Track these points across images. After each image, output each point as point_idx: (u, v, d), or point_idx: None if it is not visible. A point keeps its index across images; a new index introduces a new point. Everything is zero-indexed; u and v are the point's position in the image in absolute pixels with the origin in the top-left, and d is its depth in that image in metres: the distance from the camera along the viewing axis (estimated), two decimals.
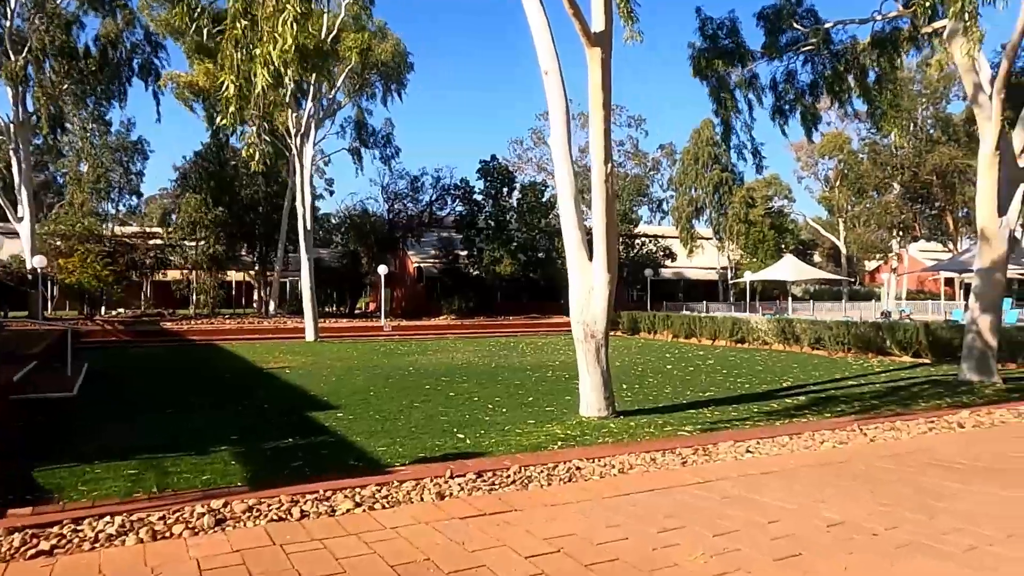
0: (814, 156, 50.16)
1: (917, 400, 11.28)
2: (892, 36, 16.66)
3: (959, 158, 35.38)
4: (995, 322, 13.15)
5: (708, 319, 25.88)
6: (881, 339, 19.37)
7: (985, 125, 12.46)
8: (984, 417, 7.78)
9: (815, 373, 15.28)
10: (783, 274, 28.54)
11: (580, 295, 9.89)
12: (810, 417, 9.90)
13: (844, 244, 50.55)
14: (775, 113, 19.14)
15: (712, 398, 11.94)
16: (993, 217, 12.77)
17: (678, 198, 46.89)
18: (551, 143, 10.19)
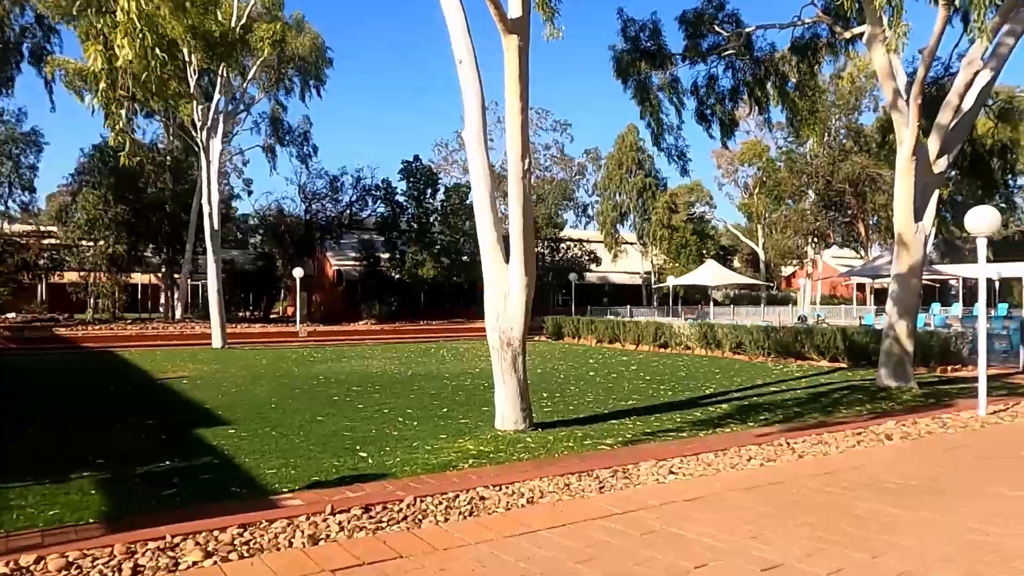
0: (734, 164, 51.24)
1: (839, 407, 11.10)
2: (811, 42, 16.75)
3: (870, 167, 36.60)
4: (912, 327, 13.19)
5: (632, 324, 25.70)
6: (800, 344, 19.46)
7: (903, 131, 12.46)
8: (910, 427, 7.51)
9: (737, 379, 15.08)
10: (705, 279, 28.75)
11: (496, 300, 9.23)
12: (735, 427, 9.53)
13: (762, 250, 51.81)
14: (699, 118, 19.04)
15: (635, 407, 11.47)
16: (910, 223, 12.80)
17: (603, 203, 46.99)
18: (465, 137, 9.50)
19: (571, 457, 7.65)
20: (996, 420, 8.22)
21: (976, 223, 8.05)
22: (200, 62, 21.28)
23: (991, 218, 8.00)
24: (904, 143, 12.43)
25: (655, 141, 18.36)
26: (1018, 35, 12.92)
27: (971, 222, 8.13)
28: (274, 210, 37.03)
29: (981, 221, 8.00)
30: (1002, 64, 13.10)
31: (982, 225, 8.00)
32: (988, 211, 8.04)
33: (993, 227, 8.06)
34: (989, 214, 8.03)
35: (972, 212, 8.18)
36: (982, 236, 8.13)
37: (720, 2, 17.36)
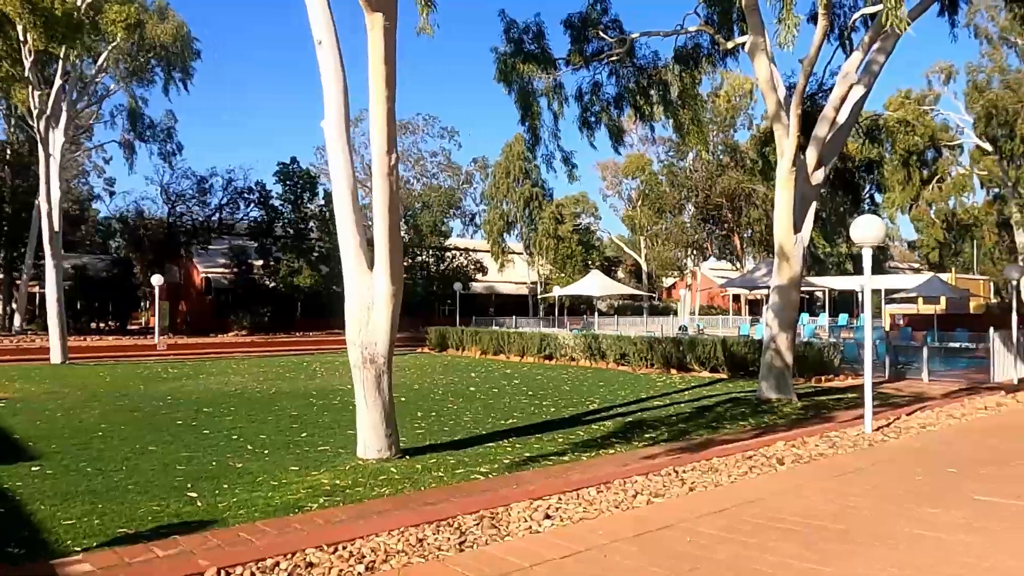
0: (619, 176, 52.08)
1: (723, 422, 10.74)
2: (694, 52, 16.68)
3: (745, 183, 37.91)
4: (792, 340, 13.14)
5: (516, 335, 25.09)
6: (682, 355, 19.40)
7: (783, 141, 12.39)
8: (800, 448, 7.08)
9: (621, 392, 14.63)
10: (589, 289, 28.64)
11: (358, 311, 8.17)
12: (619, 448, 8.90)
13: (645, 261, 52.88)
14: (582, 124, 18.63)
15: (515, 426, 10.69)
16: (789, 234, 12.74)
17: (490, 212, 46.46)
18: (324, 127, 8.41)
19: (438, 491, 6.72)
20: (882, 437, 7.97)
21: (862, 233, 7.81)
22: (36, 42, 18.89)
23: (877, 229, 7.79)
24: (785, 154, 12.36)
25: (531, 148, 17.82)
26: (888, 53, 13.21)
27: (857, 232, 7.89)
28: (133, 212, 33.93)
29: (868, 231, 7.77)
30: (873, 80, 13.35)
31: (868, 235, 7.77)
32: (874, 221, 7.83)
33: (879, 238, 7.86)
34: (875, 224, 7.81)
35: (858, 222, 7.94)
36: (868, 246, 7.92)
37: (604, 7, 17.04)
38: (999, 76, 38.15)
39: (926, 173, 44.43)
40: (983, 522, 4.69)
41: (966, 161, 46.03)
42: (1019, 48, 37.97)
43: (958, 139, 44.16)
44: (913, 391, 14.50)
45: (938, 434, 8.39)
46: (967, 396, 12.70)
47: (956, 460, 6.91)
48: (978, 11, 38.18)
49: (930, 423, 9.01)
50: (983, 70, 38.85)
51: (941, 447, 7.57)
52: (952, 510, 4.98)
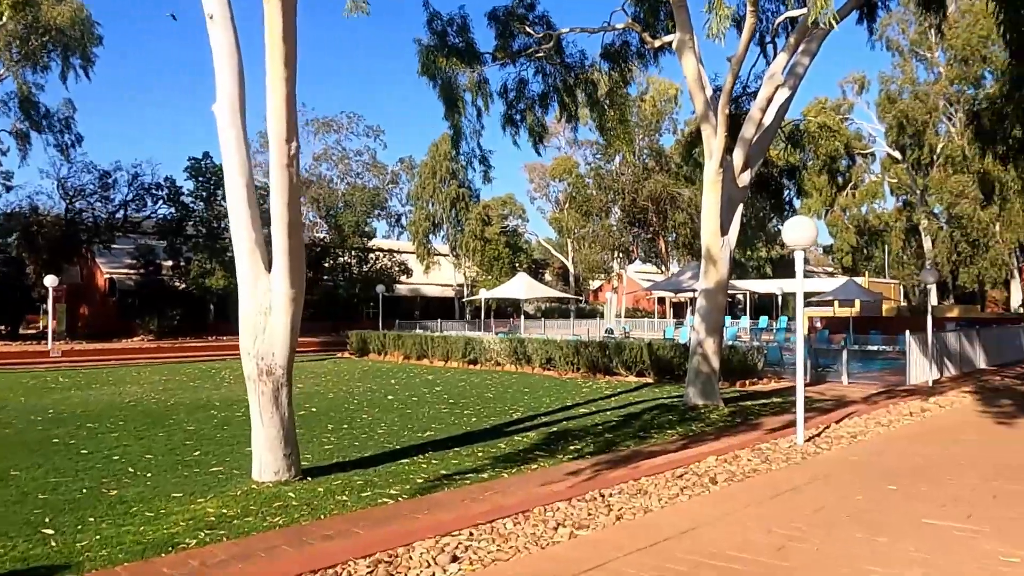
0: (546, 178, 51.91)
1: (650, 431, 10.31)
2: (622, 50, 16.36)
3: (671, 186, 38.21)
4: (719, 344, 12.89)
5: (440, 339, 24.31)
6: (608, 359, 19.07)
7: (711, 142, 12.11)
8: (732, 464, 6.65)
9: (547, 399, 14.10)
10: (516, 292, 28.14)
11: (253, 317, 7.32)
12: (543, 462, 8.32)
13: (572, 264, 52.88)
14: (505, 122, 18.08)
15: (433, 439, 9.99)
16: (717, 236, 12.47)
17: (415, 212, 45.47)
18: (216, 111, 7.52)
19: (339, 520, 5.98)
20: (815, 449, 7.67)
21: (795, 236, 7.48)
22: None
23: (809, 231, 7.48)
24: (712, 155, 12.08)
25: (454, 144, 17.18)
26: (812, 55, 13.13)
27: (790, 235, 7.56)
28: (26, 207, 31.40)
29: (800, 234, 7.45)
30: (798, 83, 13.25)
31: (800, 237, 7.45)
32: (806, 223, 7.52)
33: (811, 240, 7.56)
34: (807, 227, 7.50)
35: (790, 224, 7.62)
36: (799, 249, 7.61)
37: (531, 2, 16.54)
38: (910, 87, 39.77)
39: (841, 180, 45.94)
40: (937, 556, 4.32)
41: (878, 169, 47.88)
42: (927, 61, 39.68)
43: (871, 148, 45.90)
44: (835, 394, 14.50)
45: (870, 444, 8.17)
46: (889, 400, 12.71)
47: (893, 474, 6.63)
48: (890, 24, 39.73)
49: (860, 432, 8.80)
50: (895, 81, 40.45)
51: (875, 458, 7.32)
52: (902, 540, 4.61)
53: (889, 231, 49.59)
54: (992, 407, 11.38)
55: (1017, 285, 39.95)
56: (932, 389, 14.56)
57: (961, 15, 36.53)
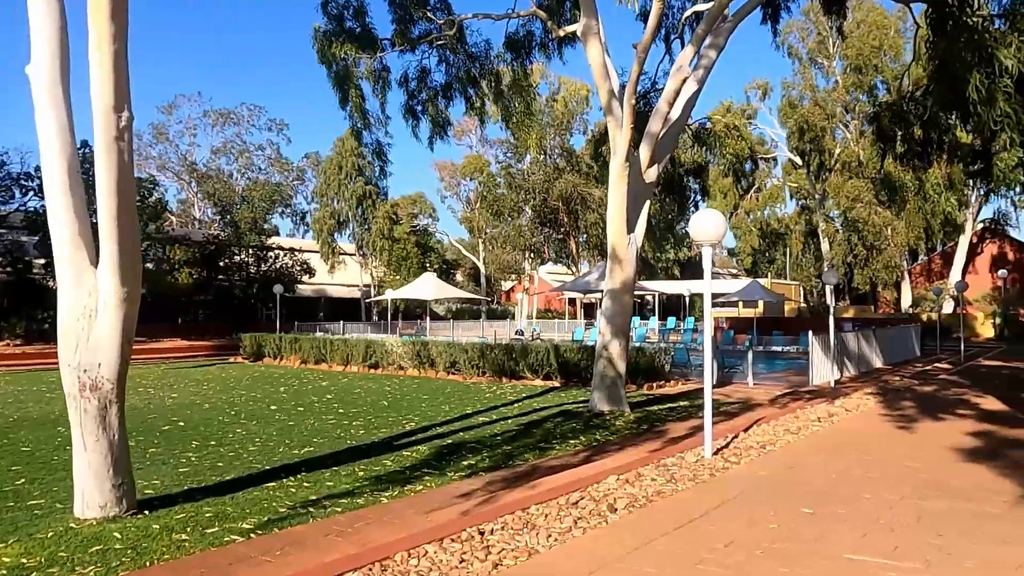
0: (457, 177, 50.97)
1: (552, 442, 9.57)
2: (526, 39, 15.69)
3: (581, 186, 37.99)
4: (625, 347, 12.32)
5: (340, 342, 23.00)
6: (514, 362, 18.35)
7: (616, 136, 11.52)
8: (635, 486, 5.97)
9: (446, 407, 13.20)
10: (422, 292, 27.07)
11: (74, 321, 6.10)
12: (429, 482, 7.43)
13: (483, 264, 52.11)
14: (407, 113, 17.15)
15: (311, 455, 8.93)
16: (623, 234, 11.90)
17: (320, 210, 43.62)
18: (31, 74, 6.25)
19: (163, 571, 4.91)
20: (724, 464, 7.10)
21: (703, 230, 6.89)
22: None
23: (717, 224, 6.90)
24: (618, 150, 11.49)
25: (355, 135, 16.12)
26: (720, 48, 12.79)
27: (697, 228, 6.97)
28: None
29: (708, 228, 6.86)
30: (706, 76, 12.88)
31: (708, 232, 6.86)
32: (714, 216, 6.94)
33: (720, 234, 6.99)
34: (716, 220, 6.92)
35: (698, 217, 7.03)
36: (708, 244, 7.03)
37: None
38: (809, 94, 41.06)
39: (745, 184, 47.08)
40: None
41: (780, 173, 49.38)
42: (825, 69, 41.07)
43: (773, 152, 47.24)
44: (741, 396, 14.25)
45: (781, 456, 7.69)
46: (795, 402, 12.49)
47: (808, 493, 6.10)
48: (792, 33, 40.90)
49: (769, 441, 8.35)
50: (796, 87, 41.71)
51: (787, 474, 6.80)
52: None
53: (790, 234, 51.23)
54: (896, 410, 11.28)
55: (907, 286, 41.89)
56: (835, 390, 14.51)
57: (856, 26, 37.94)
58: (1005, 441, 8.70)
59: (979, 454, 7.85)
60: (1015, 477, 6.72)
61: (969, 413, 11.02)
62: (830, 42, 40.29)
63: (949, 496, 6.05)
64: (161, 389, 16.48)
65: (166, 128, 54.36)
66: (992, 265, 42.72)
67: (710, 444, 7.39)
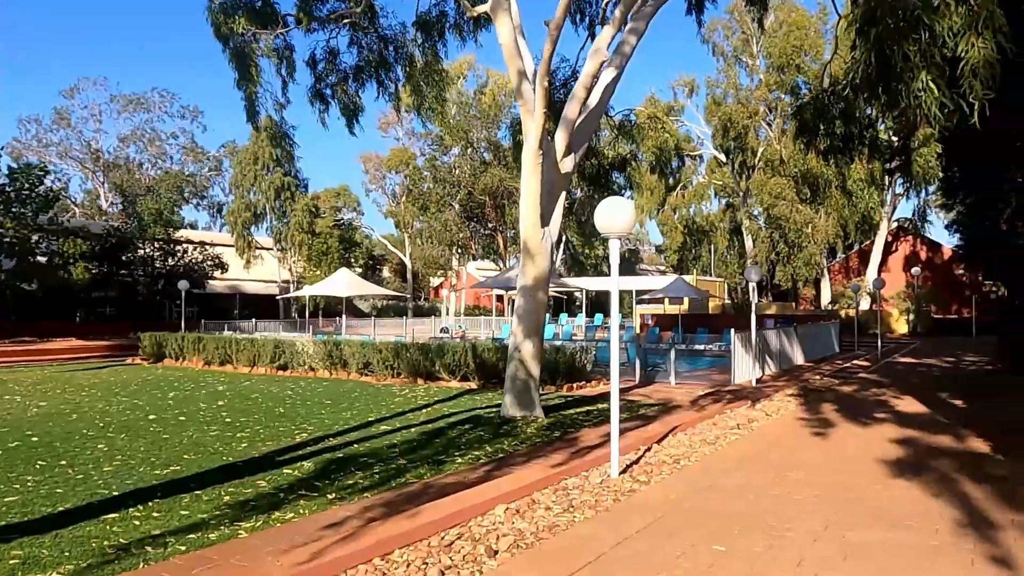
0: (382, 170, 49.45)
1: (454, 454, 8.71)
2: (439, 20, 14.73)
3: (507, 180, 37.21)
4: (539, 347, 11.54)
5: (247, 342, 21.54)
6: (430, 363, 17.40)
7: (528, 120, 10.72)
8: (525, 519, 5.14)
9: (348, 414, 12.17)
10: (337, 289, 25.76)
11: None
12: (302, 509, 6.48)
13: (410, 260, 50.80)
14: (314, 97, 15.95)
15: (174, 477, 7.82)
16: (536, 227, 11.12)
17: (235, 201, 41.51)
18: None
19: None
20: (631, 485, 6.36)
21: (608, 220, 6.13)
22: None
23: (625, 214, 6.16)
24: (530, 135, 10.69)
25: (251, 118, 14.85)
26: (639, 34, 12.16)
27: (602, 218, 6.21)
28: None
29: (614, 217, 6.11)
30: (625, 63, 12.24)
31: (615, 221, 6.12)
32: (621, 204, 6.20)
33: (628, 224, 6.25)
34: (623, 209, 6.17)
35: (603, 206, 6.27)
36: (614, 236, 6.28)
37: None
38: (733, 92, 41.40)
39: (671, 181, 47.25)
40: None
41: (705, 171, 49.82)
42: (749, 68, 41.47)
43: (699, 150, 47.58)
44: (662, 396, 13.73)
45: (695, 473, 7.02)
46: (716, 404, 11.99)
47: (723, 524, 5.38)
48: (716, 30, 41.12)
49: (684, 454, 7.69)
50: (720, 85, 42.00)
51: (701, 498, 6.09)
52: None
53: (715, 231, 51.78)
54: (818, 414, 10.86)
55: (826, 284, 42.80)
56: (757, 390, 14.14)
57: (778, 26, 38.40)
58: (929, 450, 8.28)
59: (906, 467, 7.35)
60: (946, 497, 6.21)
61: (891, 417, 10.69)
62: (754, 41, 40.72)
63: (880, 523, 5.44)
64: (32, 396, 14.86)
65: (68, 113, 51.00)
66: (906, 263, 44.08)
67: (617, 462, 6.63)
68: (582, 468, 6.90)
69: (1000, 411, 11.58)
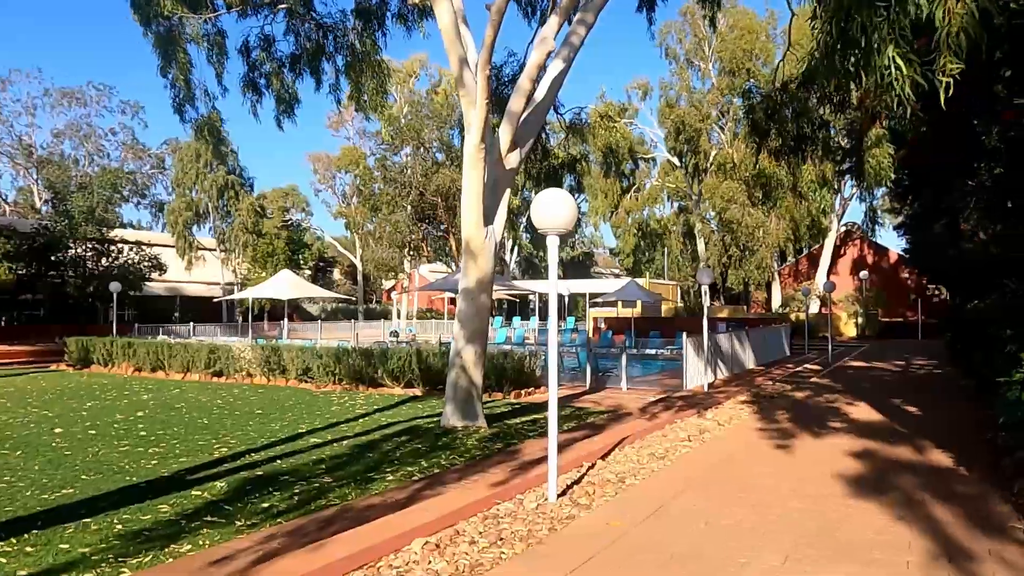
0: (332, 169, 48.20)
1: (384, 472, 8.00)
2: (380, 7, 14.02)
3: (459, 180, 36.48)
4: (482, 353, 10.90)
5: (180, 347, 20.41)
6: (373, 369, 16.63)
7: (470, 111, 10.08)
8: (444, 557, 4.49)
9: (276, 425, 11.35)
10: (278, 291, 24.69)
11: None
12: (204, 539, 5.74)
13: (361, 262, 49.63)
14: (246, 86, 15.07)
15: (64, 501, 6.97)
16: (479, 226, 10.49)
17: (176, 200, 39.88)
18: None
19: None
20: (570, 510, 5.75)
21: (546, 215, 5.53)
22: None
23: (562, 208, 5.56)
24: (472, 127, 10.04)
25: (177, 109, 13.93)
26: (588, 25, 11.61)
27: (539, 213, 5.60)
28: None
29: (553, 211, 5.50)
30: (574, 55, 11.69)
31: (554, 216, 5.51)
32: (559, 197, 5.60)
33: (567, 219, 5.66)
34: (560, 202, 5.57)
35: (541, 198, 5.66)
36: (553, 232, 5.69)
37: None
38: (686, 95, 41.41)
39: (625, 184, 47.13)
40: None
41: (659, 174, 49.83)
42: (701, 71, 41.55)
43: (652, 153, 47.55)
44: (612, 402, 13.25)
45: (641, 495, 6.42)
46: (666, 411, 11.51)
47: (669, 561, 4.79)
48: (669, 33, 41.09)
49: (631, 471, 7.11)
50: (673, 87, 42.00)
51: (646, 526, 5.46)
52: None
53: (668, 234, 51.84)
54: (772, 423, 10.43)
55: (777, 287, 43.12)
56: (709, 396, 13.75)
57: (729, 30, 38.54)
58: (891, 464, 7.83)
59: (867, 485, 6.87)
60: (914, 522, 5.73)
61: (847, 426, 10.31)
62: (706, 45, 40.80)
63: (845, 556, 4.90)
64: None
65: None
66: (853, 267, 44.72)
67: (555, 485, 5.98)
68: (519, 489, 6.27)
69: (954, 415, 11.35)
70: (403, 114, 41.14)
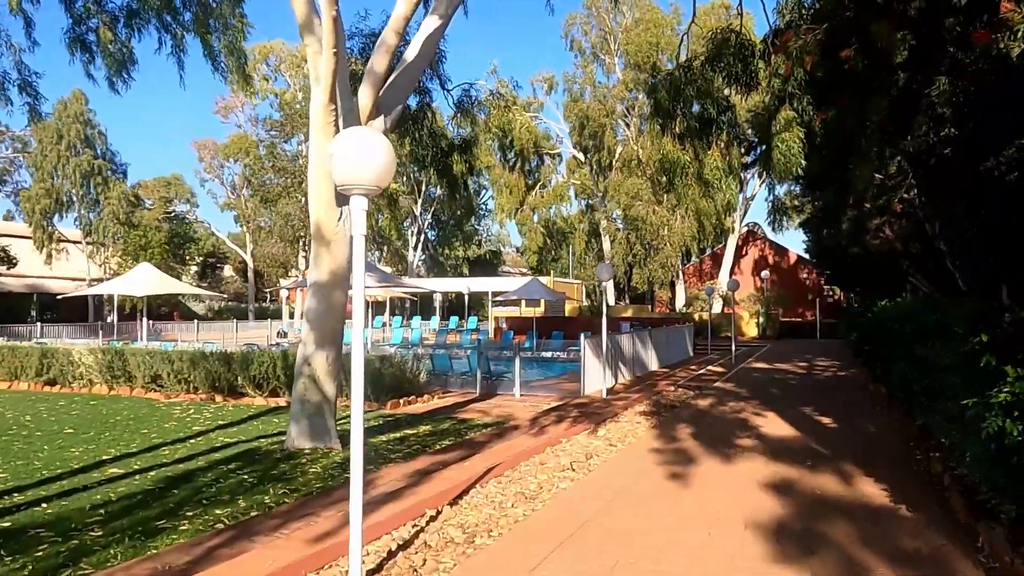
0: (219, 158, 44.78)
1: (181, 516, 6.14)
2: None
3: None
4: (336, 360, 9.09)
5: (8, 350, 17.55)
6: (233, 375, 14.50)
7: (316, 61, 8.26)
8: None
9: (80, 449, 9.19)
10: (135, 287, 21.87)
11: None
12: None
13: (251, 257, 46.42)
14: (73, 42, 12.70)
15: None
16: (331, 207, 8.69)
17: (33, 186, 35.82)
18: None
19: None
20: None
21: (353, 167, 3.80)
22: None
23: (376, 154, 3.86)
24: (320, 82, 8.23)
25: None
26: None
27: (343, 165, 3.84)
28: None
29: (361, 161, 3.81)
30: (452, 12, 10.06)
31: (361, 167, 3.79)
32: (370, 140, 3.89)
33: (379, 172, 3.94)
34: (372, 146, 3.87)
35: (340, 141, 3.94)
36: (360, 191, 3.95)
37: None
38: (591, 89, 40.53)
39: (531, 180, 45.93)
40: None
41: (564, 170, 48.93)
42: (606, 65, 40.78)
43: (558, 148, 46.56)
44: (501, 412, 11.73)
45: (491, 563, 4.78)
46: (558, 425, 10.05)
47: None
48: (575, 25, 40.10)
49: (486, 523, 5.48)
50: (578, 81, 41.04)
51: None
52: None
53: (574, 233, 51.04)
54: (671, 443, 9.06)
55: (681, 286, 42.94)
56: (606, 404, 12.42)
57: (635, 23, 37.90)
58: (815, 503, 6.37)
59: (792, 541, 5.26)
60: None
61: (758, 445, 9.04)
62: (612, 39, 40.04)
63: None
64: None
65: None
66: (755, 267, 45.10)
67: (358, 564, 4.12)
68: (337, 551, 4.57)
69: (873, 429, 10.37)
70: (297, 100, 38.48)
